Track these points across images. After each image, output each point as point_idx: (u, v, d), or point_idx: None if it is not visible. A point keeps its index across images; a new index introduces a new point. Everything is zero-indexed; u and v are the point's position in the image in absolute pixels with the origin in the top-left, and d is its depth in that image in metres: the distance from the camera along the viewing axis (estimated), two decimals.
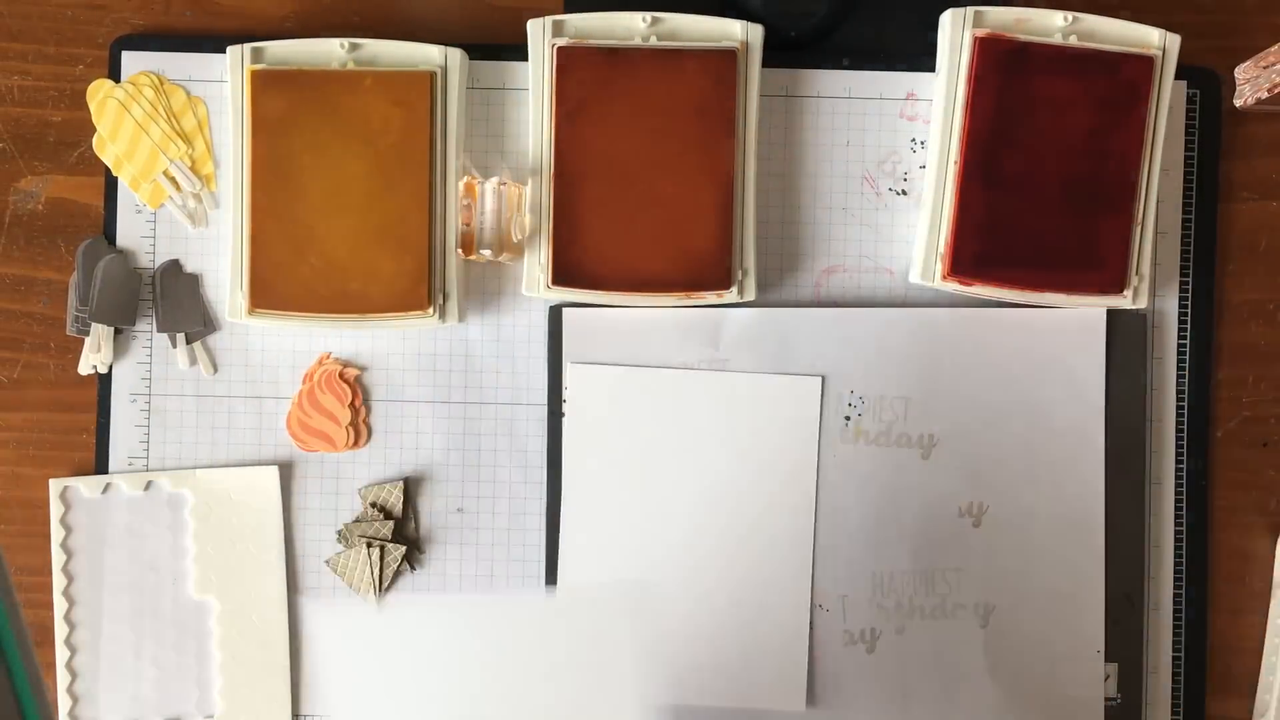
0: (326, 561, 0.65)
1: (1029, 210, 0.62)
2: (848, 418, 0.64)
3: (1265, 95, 0.64)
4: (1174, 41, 0.62)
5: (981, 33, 0.61)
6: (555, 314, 0.65)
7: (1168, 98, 0.62)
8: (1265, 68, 0.64)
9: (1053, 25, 0.62)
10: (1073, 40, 0.62)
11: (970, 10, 0.61)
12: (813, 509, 0.64)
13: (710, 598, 0.64)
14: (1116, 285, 0.62)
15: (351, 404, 0.65)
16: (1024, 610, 0.64)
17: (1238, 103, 0.65)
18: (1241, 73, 0.65)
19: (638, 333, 0.65)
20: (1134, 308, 0.63)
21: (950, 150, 0.62)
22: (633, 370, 0.64)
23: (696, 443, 0.64)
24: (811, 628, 0.64)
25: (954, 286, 0.62)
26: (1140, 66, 0.61)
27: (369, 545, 0.64)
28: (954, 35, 0.61)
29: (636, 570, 0.64)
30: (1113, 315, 0.65)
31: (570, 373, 0.64)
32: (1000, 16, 0.62)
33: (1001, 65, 0.61)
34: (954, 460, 0.64)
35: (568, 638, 0.54)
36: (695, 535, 0.64)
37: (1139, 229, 0.62)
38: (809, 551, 0.64)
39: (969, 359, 0.64)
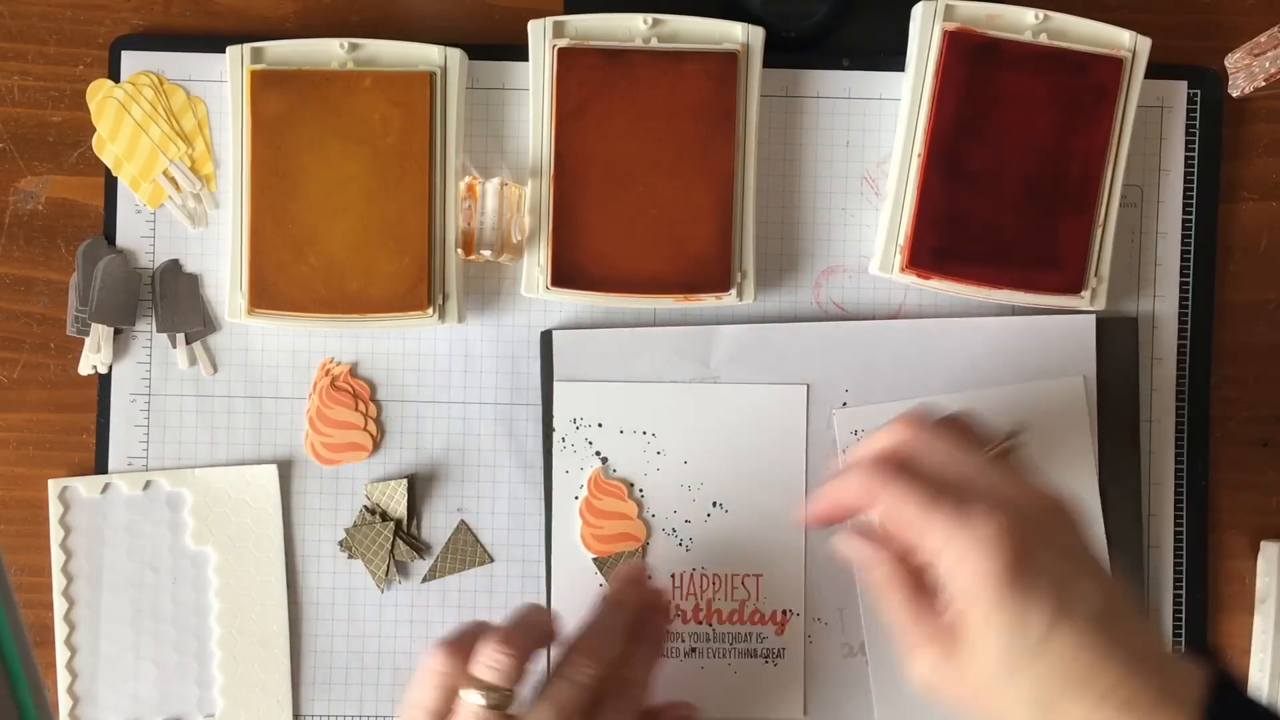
0: (340, 543, 0.65)
1: (990, 207, 0.62)
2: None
3: (1263, 83, 0.64)
4: (1144, 44, 0.62)
5: (951, 26, 0.61)
6: (546, 338, 0.65)
7: (1135, 100, 0.62)
8: (1257, 55, 0.64)
9: (1024, 22, 0.62)
10: (1043, 38, 0.62)
11: (941, 4, 0.61)
12: (803, 521, 0.64)
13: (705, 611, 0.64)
14: (1074, 286, 0.62)
15: (363, 410, 0.65)
16: None
17: (1234, 93, 0.65)
18: (1233, 63, 0.65)
19: (629, 353, 0.64)
20: (1091, 309, 0.63)
21: (915, 143, 0.62)
22: (619, 386, 0.64)
23: (685, 456, 0.64)
24: (809, 641, 0.64)
25: (911, 279, 0.62)
26: (1109, 68, 0.61)
27: (383, 519, 0.64)
28: (924, 28, 0.61)
29: None
30: (1106, 319, 0.65)
31: (557, 391, 0.64)
32: (971, 11, 0.62)
33: (970, 60, 0.61)
34: None
35: None
36: (687, 551, 0.64)
37: (1100, 231, 0.62)
38: (800, 563, 0.64)
39: (959, 368, 0.64)
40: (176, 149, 0.65)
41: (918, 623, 0.47)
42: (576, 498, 0.64)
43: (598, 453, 0.64)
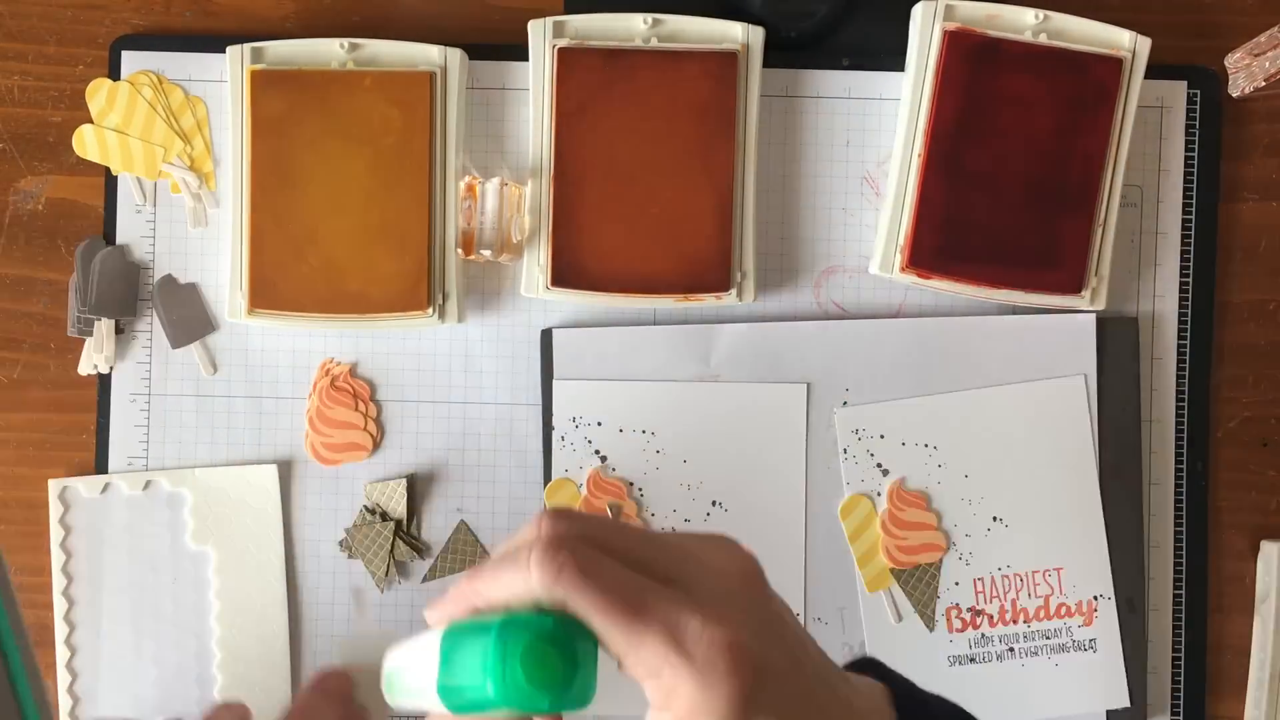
0: (340, 543, 0.65)
1: (990, 206, 0.62)
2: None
3: (1263, 83, 0.64)
4: (1144, 44, 0.62)
5: (951, 26, 0.61)
6: (546, 336, 0.65)
7: (1135, 100, 0.62)
8: (1257, 55, 0.64)
9: (1023, 23, 0.62)
10: (1043, 38, 0.62)
11: (941, 4, 0.61)
12: (803, 520, 0.64)
13: None
14: (1074, 286, 0.62)
15: (363, 410, 0.65)
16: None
17: (1234, 93, 0.65)
18: (1233, 63, 0.65)
19: (629, 352, 0.64)
20: (1091, 309, 0.63)
21: (915, 143, 0.62)
22: (619, 384, 0.64)
23: (685, 455, 0.64)
24: None
25: (911, 279, 0.62)
26: (1109, 68, 0.61)
27: (383, 519, 0.64)
28: (924, 28, 0.62)
29: None
30: (1106, 319, 0.65)
31: (557, 389, 0.64)
32: (971, 11, 0.62)
33: (970, 60, 0.61)
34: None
35: None
36: None
37: (1100, 231, 0.62)
38: (800, 563, 0.64)
39: (959, 368, 0.64)
40: (176, 148, 0.65)
41: None
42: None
43: (597, 451, 0.64)
